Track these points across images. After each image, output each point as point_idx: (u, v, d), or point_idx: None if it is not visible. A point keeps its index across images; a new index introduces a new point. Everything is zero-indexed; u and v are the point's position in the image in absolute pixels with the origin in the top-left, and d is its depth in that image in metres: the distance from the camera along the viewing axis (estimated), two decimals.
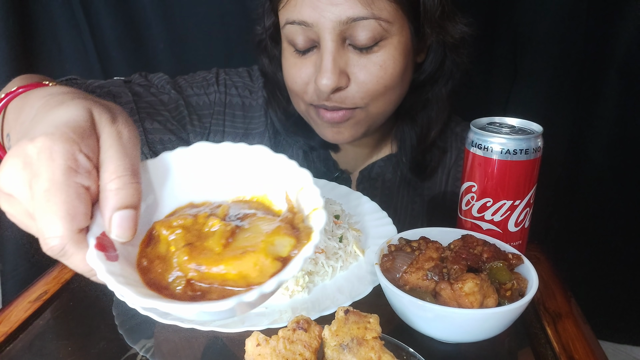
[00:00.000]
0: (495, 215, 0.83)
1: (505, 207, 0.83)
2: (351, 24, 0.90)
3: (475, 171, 0.84)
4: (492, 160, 0.81)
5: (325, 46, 0.93)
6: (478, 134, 0.83)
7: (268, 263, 0.43)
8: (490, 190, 0.83)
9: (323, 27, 0.91)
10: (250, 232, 0.47)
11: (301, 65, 0.99)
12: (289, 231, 0.46)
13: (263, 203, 0.54)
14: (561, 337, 0.73)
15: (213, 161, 0.54)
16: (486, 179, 0.83)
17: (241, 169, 0.54)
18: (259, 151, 0.54)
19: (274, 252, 0.44)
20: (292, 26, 0.95)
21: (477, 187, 0.84)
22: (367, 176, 1.18)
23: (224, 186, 0.55)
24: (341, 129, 1.03)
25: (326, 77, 0.92)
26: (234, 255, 0.45)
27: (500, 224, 0.84)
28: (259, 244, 0.45)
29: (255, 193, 0.55)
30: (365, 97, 0.97)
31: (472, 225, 0.87)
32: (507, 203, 0.83)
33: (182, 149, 0.54)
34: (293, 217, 0.49)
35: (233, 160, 0.54)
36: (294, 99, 1.08)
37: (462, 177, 0.88)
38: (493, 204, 0.83)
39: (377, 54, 0.94)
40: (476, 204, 0.85)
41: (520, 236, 0.86)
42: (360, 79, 0.95)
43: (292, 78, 1.02)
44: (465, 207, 0.87)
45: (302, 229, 0.47)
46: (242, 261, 0.44)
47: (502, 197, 0.82)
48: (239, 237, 0.47)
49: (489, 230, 0.85)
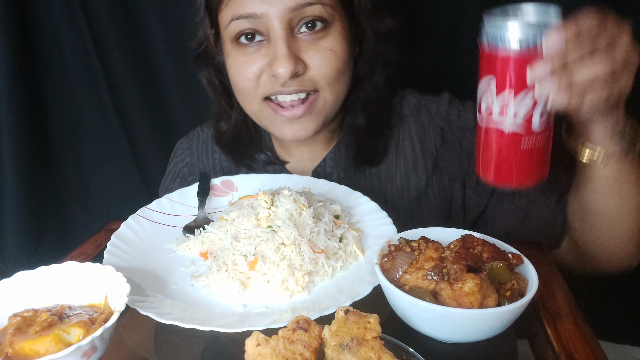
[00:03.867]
0: (518, 114, 0.74)
1: (527, 102, 0.73)
2: (299, 10, 0.95)
3: (494, 66, 0.74)
4: (510, 54, 0.71)
5: (277, 34, 0.97)
6: (492, 25, 0.72)
7: (52, 345, 0.64)
8: (510, 82, 0.73)
9: (272, 16, 0.95)
10: (64, 324, 0.68)
11: (250, 62, 1.01)
12: (84, 325, 0.67)
13: (100, 307, 0.75)
14: (561, 337, 0.73)
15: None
16: (505, 72, 0.73)
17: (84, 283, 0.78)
18: (90, 268, 0.78)
19: (63, 339, 0.65)
20: (239, 21, 0.98)
21: (495, 81, 0.74)
22: (322, 172, 1.20)
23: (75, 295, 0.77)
24: (302, 124, 1.05)
25: (284, 62, 0.96)
26: (33, 338, 0.65)
27: (524, 124, 0.74)
28: (55, 332, 0.65)
29: (95, 300, 0.76)
30: (322, 80, 1.01)
31: (493, 131, 0.77)
32: (529, 96, 0.72)
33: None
34: (100, 316, 0.70)
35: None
36: (245, 100, 1.09)
37: (479, 77, 0.78)
38: (514, 97, 0.73)
39: (325, 40, 1.00)
40: (496, 103, 0.75)
41: (545, 137, 0.77)
42: (316, 63, 1.00)
43: (242, 75, 1.03)
44: (485, 112, 0.77)
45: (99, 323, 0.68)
46: (35, 343, 0.64)
47: (523, 88, 0.72)
48: (52, 327, 0.67)
49: (513, 135, 0.75)
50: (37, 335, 0.65)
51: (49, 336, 0.64)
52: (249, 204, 0.95)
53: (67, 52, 1.53)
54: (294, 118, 1.03)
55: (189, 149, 1.31)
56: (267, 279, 0.84)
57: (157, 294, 0.82)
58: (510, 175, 0.79)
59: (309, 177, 1.15)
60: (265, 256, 0.85)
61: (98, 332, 0.63)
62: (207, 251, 0.94)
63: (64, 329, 0.66)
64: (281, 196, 0.92)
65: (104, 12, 1.48)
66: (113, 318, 0.66)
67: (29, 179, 1.51)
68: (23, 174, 1.49)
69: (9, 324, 0.70)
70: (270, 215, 0.90)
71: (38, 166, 1.54)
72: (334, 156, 1.19)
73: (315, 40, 0.99)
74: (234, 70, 1.04)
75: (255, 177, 1.16)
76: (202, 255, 0.94)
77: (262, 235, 0.87)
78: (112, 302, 0.73)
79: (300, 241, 0.86)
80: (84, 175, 1.68)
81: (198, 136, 1.32)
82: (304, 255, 0.85)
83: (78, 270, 0.78)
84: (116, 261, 0.88)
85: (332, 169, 1.19)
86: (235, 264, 0.85)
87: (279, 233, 0.87)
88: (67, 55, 1.54)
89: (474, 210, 1.16)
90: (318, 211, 0.94)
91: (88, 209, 1.70)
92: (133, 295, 0.74)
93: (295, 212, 0.90)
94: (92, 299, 0.76)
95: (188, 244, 0.96)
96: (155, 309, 0.75)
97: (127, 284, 0.73)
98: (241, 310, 0.80)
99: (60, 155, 1.62)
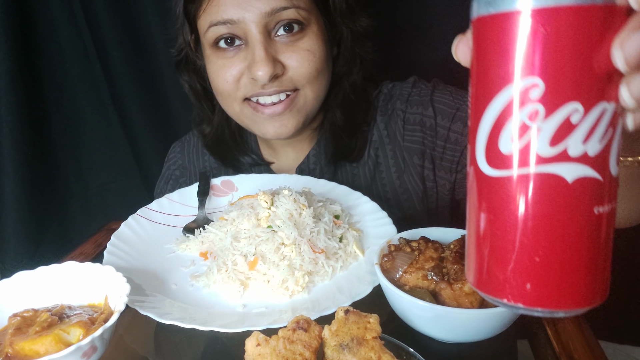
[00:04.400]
0: (590, 142, 0.39)
1: (605, 120, 0.39)
2: (275, 14, 0.97)
3: (534, 52, 0.38)
4: (564, 11, 0.36)
5: (254, 39, 0.98)
6: None
7: (52, 345, 0.64)
8: (574, 84, 0.38)
9: (249, 21, 0.97)
10: (64, 324, 0.68)
11: (230, 65, 1.03)
12: (84, 325, 0.67)
13: (100, 306, 0.75)
14: (561, 337, 0.73)
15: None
16: (558, 61, 0.37)
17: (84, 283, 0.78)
18: (92, 268, 0.78)
19: (63, 339, 0.65)
20: (217, 27, 1.00)
21: (542, 84, 0.38)
22: (305, 169, 1.21)
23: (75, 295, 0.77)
24: (284, 121, 1.06)
25: (262, 65, 0.97)
26: (33, 338, 0.65)
27: (598, 161, 0.39)
28: (55, 332, 0.65)
29: (95, 300, 0.76)
30: (302, 80, 1.03)
31: (537, 182, 0.40)
32: (607, 109, 0.38)
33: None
34: (100, 316, 0.70)
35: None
36: (225, 102, 1.10)
37: (475, 88, 0.42)
38: (585, 114, 0.38)
39: (302, 41, 1.01)
40: (546, 126, 0.38)
41: (617, 188, 0.42)
42: (294, 64, 1.01)
43: (222, 78, 1.05)
44: (509, 148, 0.40)
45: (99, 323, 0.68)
46: (35, 343, 0.65)
47: (596, 96, 0.38)
48: (52, 327, 0.67)
49: (580, 183, 0.39)
50: (37, 335, 0.65)
51: (49, 336, 0.65)
52: (249, 204, 0.95)
53: (67, 52, 1.53)
54: (275, 115, 1.05)
55: (181, 152, 1.35)
56: (267, 279, 0.84)
57: (157, 294, 0.82)
58: (572, 284, 0.45)
59: (309, 177, 1.15)
60: (265, 256, 0.85)
61: (98, 332, 0.63)
62: (207, 251, 0.94)
63: (64, 329, 0.66)
64: (281, 196, 0.92)
65: (104, 12, 1.48)
66: (113, 318, 0.66)
67: (29, 179, 1.51)
68: (23, 174, 1.49)
69: (9, 324, 0.70)
70: (270, 215, 0.90)
71: (38, 166, 1.54)
72: (316, 152, 1.21)
73: (293, 42, 1.01)
74: (214, 73, 1.06)
75: (255, 177, 1.16)
76: (202, 255, 0.94)
77: (262, 235, 0.87)
78: (112, 302, 0.73)
79: (300, 241, 0.86)
80: (84, 175, 1.68)
81: (189, 140, 1.35)
82: (304, 255, 0.85)
83: (78, 270, 0.78)
84: (116, 261, 0.88)
85: (315, 164, 1.21)
86: (235, 264, 0.85)
87: (279, 233, 0.87)
88: (67, 55, 1.54)
89: (445, 189, 1.16)
90: (318, 211, 0.94)
91: (88, 209, 1.70)
92: (133, 295, 0.74)
93: (295, 212, 0.90)
94: (92, 299, 0.76)
95: (188, 244, 0.96)
96: (155, 309, 0.75)
97: (127, 284, 0.73)
98: (241, 310, 0.80)
99: (60, 155, 1.62)
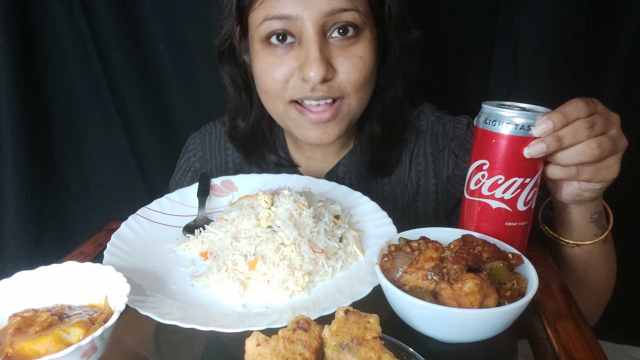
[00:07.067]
0: (506, 193, 0.83)
1: (516, 185, 0.83)
2: (334, 15, 0.95)
3: (487, 148, 0.84)
4: (504, 136, 0.81)
5: (309, 38, 0.96)
6: (490, 110, 0.83)
7: (52, 345, 0.64)
8: (502, 167, 0.83)
9: (307, 19, 0.95)
10: (64, 324, 0.68)
11: (280, 63, 1.01)
12: (84, 325, 0.67)
13: (100, 306, 0.74)
14: (561, 337, 0.73)
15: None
16: (498, 156, 0.83)
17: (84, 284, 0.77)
18: (91, 268, 0.78)
19: (63, 339, 0.65)
20: (272, 21, 0.98)
21: (488, 164, 0.84)
22: (334, 177, 1.21)
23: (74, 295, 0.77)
24: (327, 129, 1.05)
25: (315, 66, 0.96)
26: (33, 338, 0.65)
27: (510, 202, 0.84)
28: (55, 332, 0.65)
29: (95, 300, 0.76)
30: (349, 87, 1.01)
31: (481, 205, 0.87)
32: (517, 181, 0.82)
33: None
34: (100, 316, 0.70)
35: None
36: (270, 101, 1.08)
37: (471, 157, 0.88)
38: (504, 181, 0.83)
39: (355, 47, 1.00)
40: (487, 182, 0.85)
41: (527, 216, 0.86)
42: (345, 70, 1.00)
43: (271, 76, 1.02)
44: (475, 187, 0.87)
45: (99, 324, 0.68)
46: (35, 343, 0.65)
47: (513, 174, 0.82)
48: (52, 327, 0.67)
49: (498, 210, 0.85)
50: (37, 335, 0.65)
51: (49, 336, 0.65)
52: (249, 204, 0.95)
53: (67, 52, 1.53)
54: (320, 122, 1.04)
55: (202, 144, 1.31)
56: (267, 279, 0.84)
57: (157, 294, 0.82)
58: None
59: (309, 177, 1.15)
60: (265, 256, 0.85)
61: (98, 332, 0.63)
62: (207, 251, 0.94)
63: (64, 329, 0.66)
64: (281, 196, 0.92)
65: (104, 12, 1.48)
66: (113, 318, 0.66)
67: (29, 179, 1.51)
68: (23, 174, 1.49)
69: (9, 324, 0.70)
70: (270, 215, 0.90)
71: (38, 166, 1.54)
72: (347, 162, 1.20)
73: (346, 46, 0.99)
74: (262, 70, 1.04)
75: (255, 177, 1.16)
76: (202, 255, 0.94)
77: (262, 235, 0.87)
78: (112, 302, 0.73)
79: (300, 241, 0.86)
80: (84, 175, 1.68)
81: (211, 132, 1.32)
82: (304, 255, 0.85)
83: (78, 270, 0.78)
84: (116, 261, 0.88)
85: (345, 174, 1.20)
86: (235, 264, 0.85)
87: (279, 233, 0.87)
88: (67, 55, 1.54)
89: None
90: (318, 211, 0.94)
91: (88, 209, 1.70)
92: (133, 295, 0.74)
93: (295, 212, 0.90)
94: (92, 299, 0.76)
95: (188, 244, 0.96)
96: (155, 309, 0.75)
97: (127, 284, 0.73)
98: (241, 310, 0.80)
99: (61, 155, 1.62)
